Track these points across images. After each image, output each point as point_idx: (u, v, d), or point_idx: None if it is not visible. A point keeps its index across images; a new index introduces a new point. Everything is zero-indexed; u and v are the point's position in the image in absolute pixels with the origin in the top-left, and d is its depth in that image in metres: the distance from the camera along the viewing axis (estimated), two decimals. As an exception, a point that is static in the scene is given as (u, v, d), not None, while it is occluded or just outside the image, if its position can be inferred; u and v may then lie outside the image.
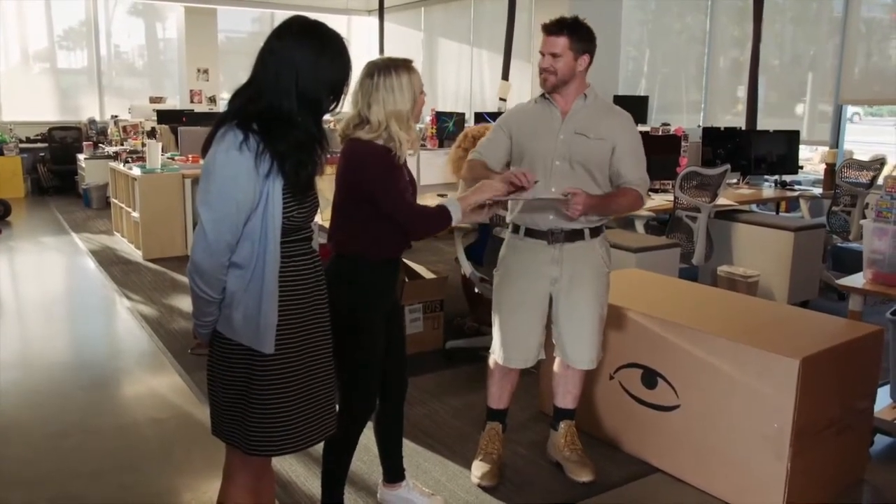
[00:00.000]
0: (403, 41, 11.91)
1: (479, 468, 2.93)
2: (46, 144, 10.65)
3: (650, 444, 3.07)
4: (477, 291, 4.13)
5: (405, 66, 2.28)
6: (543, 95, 2.79)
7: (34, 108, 10.98)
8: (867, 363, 2.92)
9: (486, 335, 4.08)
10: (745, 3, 7.43)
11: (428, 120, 6.93)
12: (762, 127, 6.91)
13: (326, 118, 1.96)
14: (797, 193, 6.19)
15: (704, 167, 5.15)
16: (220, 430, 1.97)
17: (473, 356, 4.17)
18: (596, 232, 2.80)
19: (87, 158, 9.41)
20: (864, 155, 6.17)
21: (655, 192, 5.44)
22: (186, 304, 5.01)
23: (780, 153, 6.41)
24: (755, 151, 6.30)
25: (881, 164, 5.58)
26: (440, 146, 6.40)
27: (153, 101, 11.20)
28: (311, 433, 1.97)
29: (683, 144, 5.84)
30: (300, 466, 2.97)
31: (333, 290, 2.19)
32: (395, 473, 2.70)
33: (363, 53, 2.61)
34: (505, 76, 8.59)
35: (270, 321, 1.84)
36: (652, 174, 2.79)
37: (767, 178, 6.59)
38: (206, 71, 11.94)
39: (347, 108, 2.12)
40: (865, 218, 3.91)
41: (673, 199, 4.96)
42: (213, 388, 1.95)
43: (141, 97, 11.44)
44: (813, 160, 8.72)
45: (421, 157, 5.04)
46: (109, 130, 9.92)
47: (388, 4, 10.83)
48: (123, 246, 7.19)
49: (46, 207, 9.53)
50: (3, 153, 10.06)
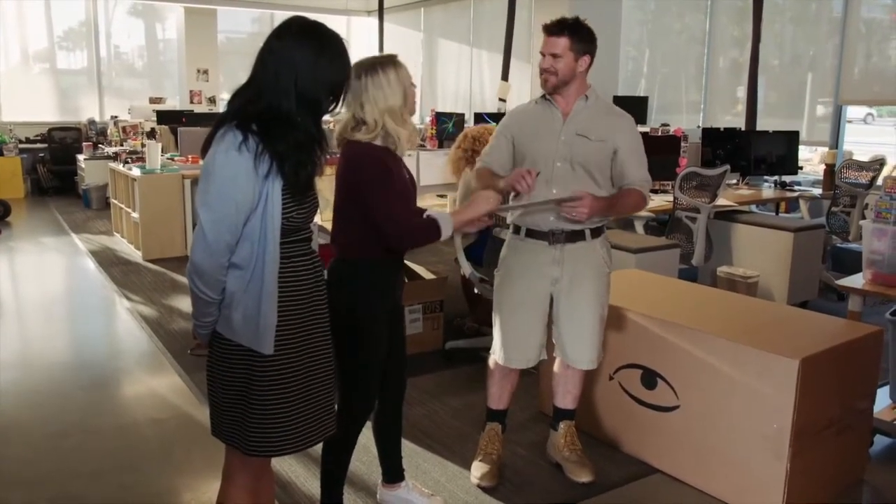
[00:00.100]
0: (403, 42, 11.91)
1: (478, 468, 2.93)
2: (46, 145, 10.65)
3: (650, 444, 3.07)
4: (476, 292, 4.13)
5: (391, 61, 2.28)
6: (544, 96, 2.79)
7: (34, 108, 10.98)
8: (867, 364, 2.92)
9: (485, 336, 4.09)
10: (744, 3, 7.43)
11: (428, 120, 6.94)
12: (762, 127, 6.92)
13: (326, 119, 1.97)
14: (797, 194, 6.19)
15: (704, 168, 5.15)
16: (219, 430, 1.97)
17: (473, 356, 4.18)
18: (597, 232, 2.80)
19: (86, 159, 9.41)
20: (863, 155, 6.17)
21: (655, 192, 5.43)
22: (186, 304, 5.01)
23: (779, 154, 6.41)
24: (755, 152, 6.30)
25: (881, 164, 5.58)
26: (440, 146, 6.40)
27: (153, 101, 11.21)
28: (310, 433, 1.97)
29: (683, 145, 5.84)
30: (300, 467, 2.97)
31: (336, 291, 2.19)
32: (394, 474, 2.70)
33: (363, 54, 2.60)
34: (505, 77, 8.60)
35: (270, 322, 1.84)
36: (651, 175, 2.79)
37: (767, 178, 6.59)
38: (205, 71, 11.95)
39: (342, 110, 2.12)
40: (865, 218, 3.91)
41: (672, 199, 4.96)
42: (212, 388, 1.95)
43: (141, 98, 11.45)
44: (812, 161, 8.73)
45: (421, 157, 5.04)
46: (109, 131, 9.93)
47: (387, 5, 10.83)
48: (123, 246, 7.19)
49: (46, 208, 9.53)
50: (2, 153, 10.06)
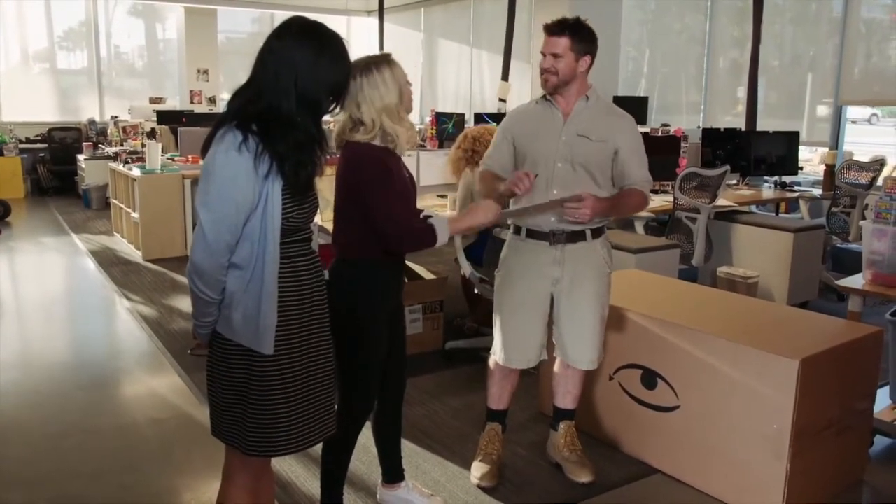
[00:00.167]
0: (403, 42, 11.91)
1: (478, 469, 2.93)
2: (46, 145, 10.65)
3: (650, 444, 3.07)
4: (477, 292, 4.13)
5: (385, 60, 2.28)
6: (545, 97, 2.79)
7: (34, 108, 10.98)
8: (867, 364, 2.92)
9: (485, 336, 4.09)
10: (744, 3, 7.43)
11: (428, 120, 6.94)
12: (762, 128, 6.92)
13: (325, 119, 1.97)
14: (797, 194, 6.19)
15: (704, 168, 5.16)
16: (219, 430, 1.97)
17: (473, 357, 4.18)
18: (598, 233, 2.80)
19: (86, 159, 9.41)
20: (863, 156, 6.17)
21: (655, 192, 5.43)
22: (186, 304, 5.01)
23: (779, 154, 6.41)
24: (755, 152, 6.30)
25: (881, 165, 5.58)
26: (440, 147, 6.40)
27: (153, 101, 11.21)
28: (310, 434, 1.97)
29: (683, 145, 5.84)
30: (300, 467, 2.97)
31: (337, 291, 2.19)
32: (394, 474, 2.70)
33: (363, 54, 2.60)
34: (505, 77, 8.60)
35: (270, 322, 1.84)
36: (651, 175, 2.80)
37: (767, 178, 6.59)
38: (205, 71, 11.95)
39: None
40: (865, 219, 3.91)
41: (672, 199, 4.96)
42: (212, 388, 1.95)
43: (141, 98, 11.45)
44: (813, 161, 8.73)
45: (421, 157, 5.04)
46: (109, 131, 9.93)
47: (387, 5, 10.83)
48: (123, 246, 7.19)
49: (46, 208, 9.53)
50: (2, 153, 10.06)
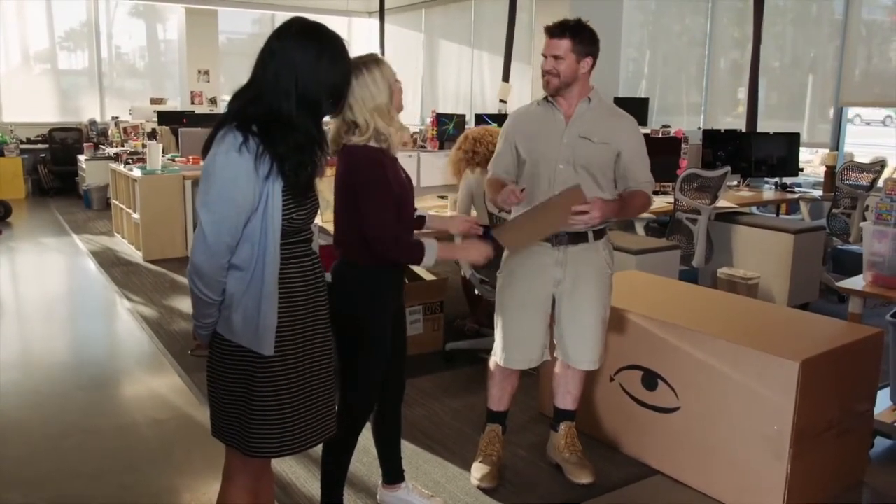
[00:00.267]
0: (404, 43, 11.92)
1: (478, 470, 2.93)
2: (47, 145, 10.66)
3: (650, 445, 3.06)
4: (477, 293, 4.13)
5: (373, 60, 2.29)
6: (546, 98, 2.78)
7: (35, 109, 10.99)
8: (867, 365, 2.92)
9: (486, 337, 4.09)
10: (745, 4, 7.43)
11: (428, 121, 6.93)
12: (762, 129, 6.92)
13: (325, 120, 1.97)
14: (797, 196, 6.19)
15: (705, 169, 5.16)
16: (219, 431, 1.97)
17: (473, 358, 4.18)
18: (599, 234, 2.80)
19: (87, 159, 9.41)
20: (864, 157, 6.17)
21: (656, 194, 5.43)
22: (186, 305, 5.01)
23: (780, 155, 6.41)
24: (755, 153, 6.30)
25: (881, 166, 5.58)
26: (440, 148, 6.40)
27: (154, 102, 11.21)
28: (310, 435, 1.97)
29: (684, 146, 5.84)
30: (300, 468, 2.97)
31: (339, 293, 2.19)
32: (394, 475, 2.70)
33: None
34: (505, 78, 8.60)
35: (270, 323, 1.84)
36: (652, 176, 2.80)
37: (768, 180, 6.59)
38: (206, 72, 11.95)
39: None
40: (865, 220, 3.91)
41: (673, 201, 4.96)
42: (212, 389, 1.95)
43: (142, 98, 11.46)
44: (813, 162, 8.72)
45: (421, 158, 5.04)
46: (110, 131, 9.93)
47: (388, 6, 10.84)
48: (124, 247, 7.19)
49: (47, 208, 9.53)
50: (3, 154, 10.06)
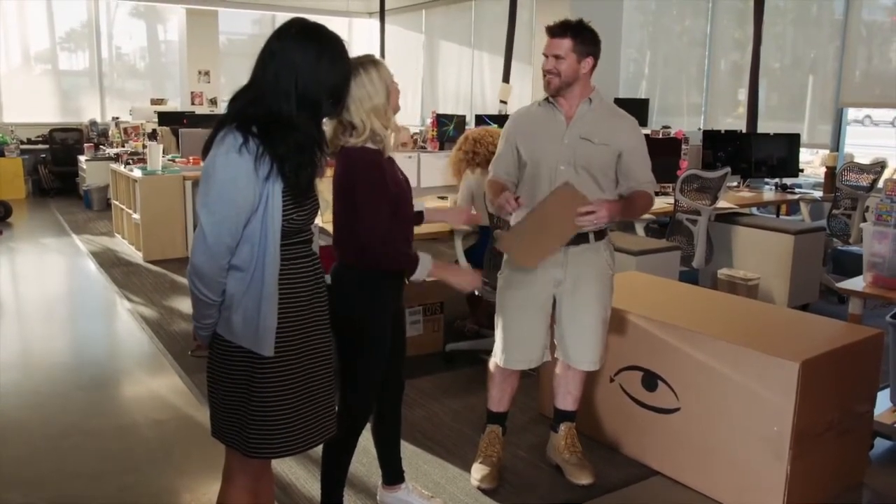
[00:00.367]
0: (404, 43, 11.93)
1: (478, 471, 2.92)
2: (47, 146, 10.66)
3: (650, 446, 3.06)
4: (477, 294, 4.13)
5: (370, 61, 2.29)
6: (547, 99, 2.78)
7: (35, 109, 11.00)
8: (867, 366, 2.92)
9: (486, 338, 4.09)
10: (745, 5, 7.44)
11: (429, 122, 6.94)
12: (763, 130, 6.92)
13: (326, 121, 1.97)
14: (797, 196, 6.19)
15: (705, 170, 5.16)
16: (219, 431, 1.97)
17: (473, 359, 4.18)
18: (600, 235, 2.80)
19: (88, 160, 9.42)
20: (864, 158, 6.17)
21: (656, 194, 5.43)
22: (187, 305, 5.01)
23: (780, 156, 6.41)
24: (756, 154, 6.31)
25: (882, 167, 5.58)
26: (441, 149, 6.40)
27: (154, 102, 11.22)
28: (310, 435, 1.96)
29: (684, 147, 5.85)
30: (300, 468, 2.97)
31: (339, 295, 2.19)
32: (394, 475, 2.70)
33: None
34: (506, 78, 8.61)
35: (270, 324, 1.84)
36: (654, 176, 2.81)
37: (768, 181, 6.59)
38: (207, 73, 11.96)
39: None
40: (866, 221, 3.91)
41: (673, 201, 4.96)
42: (212, 389, 1.95)
43: (142, 99, 11.46)
44: (813, 163, 8.72)
45: (421, 159, 5.04)
46: (110, 132, 9.93)
47: (388, 7, 10.84)
48: (124, 247, 7.19)
49: (47, 209, 9.54)
50: (4, 154, 10.07)
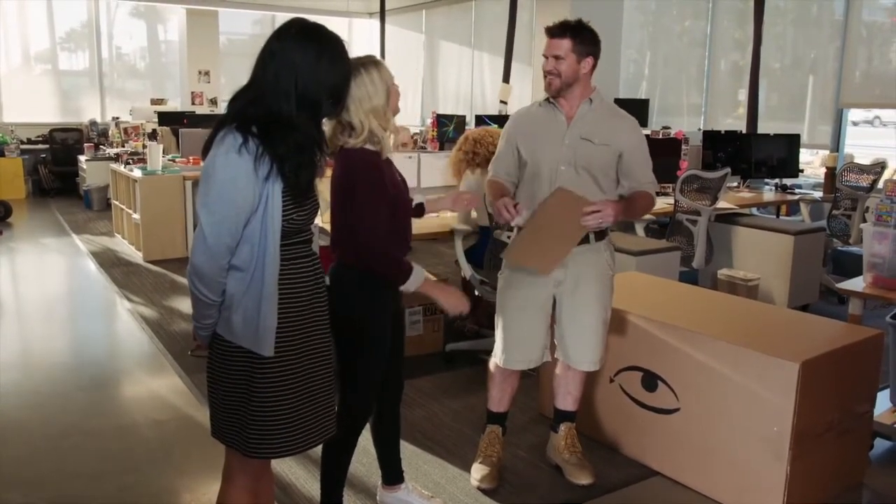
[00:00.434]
0: (404, 44, 11.93)
1: (478, 471, 2.92)
2: (47, 146, 10.66)
3: (650, 446, 3.06)
4: (477, 294, 4.13)
5: (372, 61, 2.29)
6: (548, 99, 2.78)
7: (35, 109, 11.00)
8: (867, 367, 2.92)
9: (486, 338, 4.09)
10: (745, 5, 7.44)
11: (429, 122, 6.94)
12: (763, 130, 6.91)
13: (325, 120, 1.96)
14: (797, 197, 6.19)
15: (705, 170, 5.16)
16: (219, 431, 1.97)
17: (473, 359, 4.18)
18: (601, 235, 2.80)
19: (88, 160, 9.42)
20: (864, 158, 6.17)
21: (656, 195, 5.44)
22: (187, 305, 5.01)
23: (780, 157, 6.41)
24: (756, 155, 6.30)
25: (882, 167, 5.58)
26: (441, 149, 6.40)
27: (154, 102, 11.22)
28: (310, 435, 1.97)
29: (684, 148, 5.85)
30: (300, 468, 2.97)
31: (337, 295, 2.19)
32: (393, 475, 2.70)
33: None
34: (506, 79, 8.61)
35: (270, 324, 1.84)
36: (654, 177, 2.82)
37: (768, 181, 6.59)
38: (207, 73, 11.97)
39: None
40: (866, 222, 3.91)
41: (673, 202, 4.96)
42: (212, 389, 1.95)
43: (142, 99, 11.47)
44: (813, 164, 8.73)
45: (421, 159, 5.04)
46: (110, 132, 9.94)
47: (389, 7, 10.85)
48: (124, 247, 7.20)
49: (47, 209, 9.54)
50: (4, 154, 10.07)
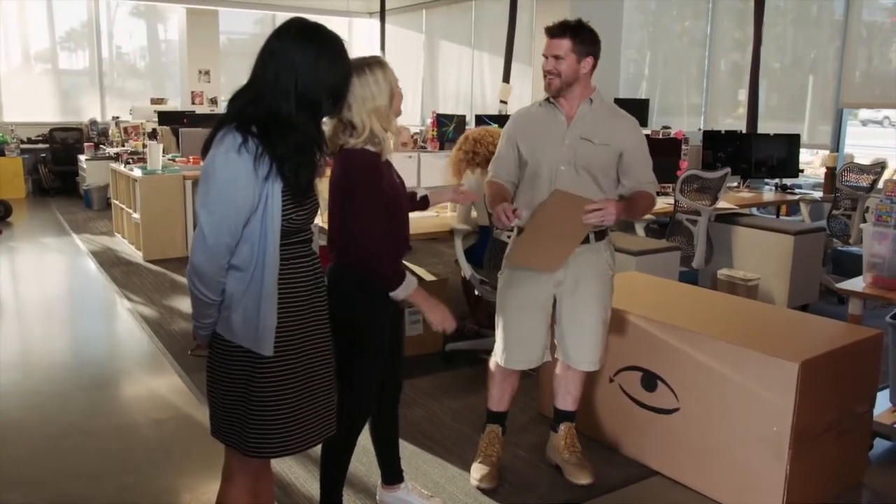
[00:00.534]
0: (405, 43, 11.93)
1: (478, 470, 2.93)
2: (47, 145, 10.66)
3: (650, 446, 3.06)
4: (477, 294, 4.13)
5: (377, 61, 2.28)
6: (548, 99, 2.78)
7: (35, 108, 10.99)
8: (867, 367, 2.92)
9: (486, 337, 4.09)
10: (745, 5, 7.44)
11: (429, 122, 6.94)
12: (763, 130, 6.91)
13: (326, 120, 1.96)
14: (797, 197, 6.19)
15: (705, 170, 5.16)
16: (219, 431, 1.97)
17: (473, 358, 4.18)
18: (601, 235, 2.80)
19: (88, 159, 9.42)
20: (864, 158, 6.17)
21: (656, 195, 5.44)
22: (186, 305, 5.01)
23: (780, 156, 6.41)
24: (756, 155, 6.30)
25: (882, 167, 5.58)
26: (441, 149, 6.40)
27: (154, 102, 11.22)
28: (310, 435, 1.97)
29: (684, 148, 5.84)
30: (299, 468, 2.97)
31: (336, 295, 2.19)
32: (393, 475, 2.70)
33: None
34: (506, 79, 8.61)
35: (270, 323, 1.84)
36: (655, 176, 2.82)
37: (768, 181, 6.59)
38: (207, 72, 11.96)
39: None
40: (866, 222, 3.91)
41: (673, 202, 4.96)
42: (212, 389, 1.95)
43: (142, 98, 11.46)
44: (813, 164, 8.73)
45: (421, 159, 5.04)
46: (110, 131, 9.94)
47: (389, 7, 10.85)
48: (124, 247, 7.20)
49: (47, 208, 9.54)
50: (4, 154, 10.07)
